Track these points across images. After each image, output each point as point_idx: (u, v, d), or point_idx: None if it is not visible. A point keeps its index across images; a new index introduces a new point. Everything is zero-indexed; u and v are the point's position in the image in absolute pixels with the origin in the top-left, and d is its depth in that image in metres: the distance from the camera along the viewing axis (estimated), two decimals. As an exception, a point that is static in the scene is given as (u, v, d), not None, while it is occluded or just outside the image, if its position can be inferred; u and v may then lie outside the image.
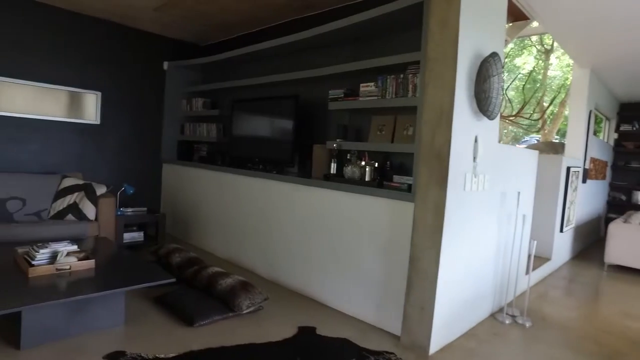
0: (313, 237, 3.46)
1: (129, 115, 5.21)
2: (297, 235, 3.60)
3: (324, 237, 3.37)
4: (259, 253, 4.01)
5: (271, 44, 3.97)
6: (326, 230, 3.35)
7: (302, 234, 3.56)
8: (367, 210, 3.05)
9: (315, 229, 3.44)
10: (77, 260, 2.69)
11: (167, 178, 5.52)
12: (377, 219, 2.98)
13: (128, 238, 4.41)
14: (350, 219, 3.16)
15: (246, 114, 4.43)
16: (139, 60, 5.23)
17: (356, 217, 3.12)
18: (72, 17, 4.66)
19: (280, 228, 3.78)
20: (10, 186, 3.98)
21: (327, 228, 3.34)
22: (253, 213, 4.08)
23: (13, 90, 4.37)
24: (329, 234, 3.33)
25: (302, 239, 3.56)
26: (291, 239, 3.66)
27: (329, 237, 3.33)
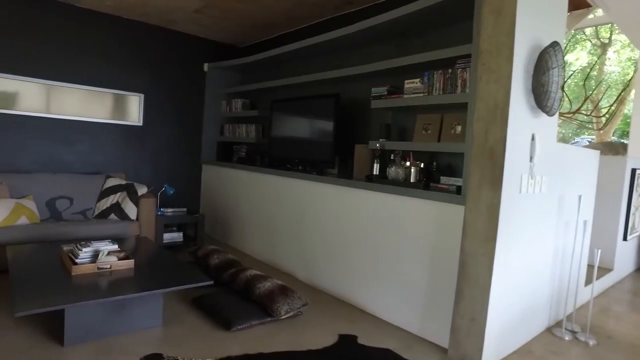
0: (354, 240, 3.33)
1: (170, 116, 5.28)
2: (337, 239, 3.48)
3: (365, 240, 3.23)
4: (298, 256, 3.91)
5: (312, 42, 3.87)
6: (368, 233, 3.21)
7: (342, 238, 3.43)
8: (411, 213, 2.88)
9: (356, 232, 3.30)
10: (117, 260, 2.68)
11: (207, 179, 5.55)
12: (422, 223, 2.80)
13: (167, 238, 4.44)
14: (394, 222, 3.00)
15: (285, 114, 4.36)
16: (179, 62, 5.29)
17: (400, 221, 2.96)
18: (116, 22, 4.77)
19: (319, 231, 3.67)
20: (60, 186, 4.10)
21: (369, 231, 3.20)
22: (292, 215, 4.00)
23: (63, 94, 4.52)
24: (371, 237, 3.18)
25: (342, 242, 3.43)
26: (331, 242, 3.54)
27: (370, 240, 3.18)
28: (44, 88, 4.42)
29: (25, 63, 4.28)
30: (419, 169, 3.04)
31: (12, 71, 4.22)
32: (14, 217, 3.58)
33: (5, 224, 3.50)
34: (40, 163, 4.43)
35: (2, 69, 4.17)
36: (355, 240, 3.31)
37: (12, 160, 4.28)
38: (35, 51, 4.32)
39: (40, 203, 3.95)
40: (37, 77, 4.35)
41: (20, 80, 4.27)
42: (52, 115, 4.47)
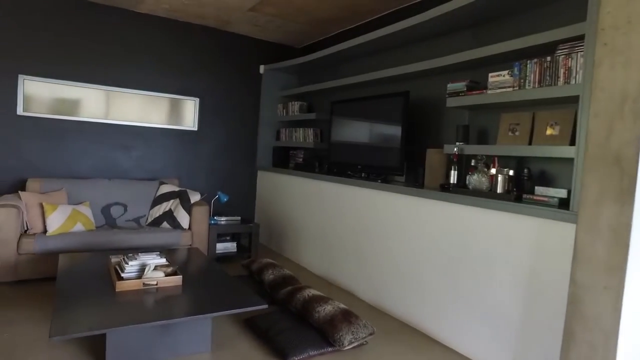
0: (425, 258, 2.89)
1: (224, 121, 5.11)
2: (406, 256, 3.05)
3: (439, 259, 2.78)
4: (361, 274, 3.52)
5: (377, 35, 3.48)
6: (442, 251, 2.76)
7: (411, 255, 3.01)
8: (499, 230, 2.40)
9: (429, 249, 2.86)
10: (164, 276, 2.45)
11: (262, 186, 5.31)
12: (514, 242, 2.32)
13: (221, 248, 4.23)
14: (475, 239, 2.53)
15: (346, 116, 4.01)
16: (235, 65, 5.12)
17: (483, 238, 2.49)
18: (173, 25, 4.68)
19: (385, 246, 3.26)
20: (115, 192, 4.02)
21: (444, 249, 2.75)
22: (354, 227, 3.62)
23: (121, 100, 4.48)
24: (446, 256, 2.73)
25: (411, 260, 3.00)
26: (398, 259, 3.12)
27: (446, 260, 2.73)
28: (103, 94, 4.39)
29: (86, 70, 4.27)
30: (506, 177, 2.55)
31: (74, 78, 4.22)
32: (71, 223, 3.50)
33: (61, 231, 3.43)
34: (99, 169, 4.40)
35: (65, 76, 4.18)
36: (427, 258, 2.87)
37: (73, 165, 4.27)
38: (95, 58, 4.31)
39: (96, 209, 3.87)
40: (97, 83, 4.33)
41: (82, 87, 4.26)
42: (111, 121, 4.43)
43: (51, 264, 3.33)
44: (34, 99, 4.10)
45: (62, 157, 4.23)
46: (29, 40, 4.02)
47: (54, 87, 4.18)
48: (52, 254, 3.32)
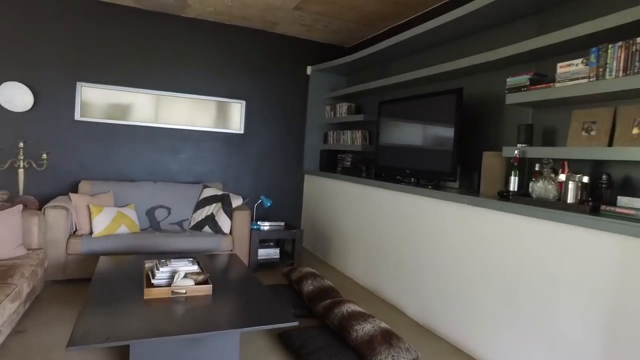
0: (480, 276, 2.55)
1: (271, 123, 5.01)
2: (458, 271, 2.73)
3: (496, 278, 2.43)
4: (407, 288, 3.23)
5: (429, 26, 3.18)
6: (500, 269, 2.41)
7: (464, 270, 2.68)
8: (569, 248, 2.03)
9: (484, 265, 2.53)
10: (194, 284, 2.33)
11: (309, 190, 5.15)
12: (588, 263, 1.94)
13: (263, 254, 4.10)
14: (539, 257, 2.18)
15: (395, 117, 3.73)
16: (281, 67, 5.01)
17: (549, 256, 2.12)
18: (219, 28, 4.66)
19: (435, 259, 2.95)
20: (159, 195, 4.03)
21: (501, 267, 2.40)
22: (401, 237, 3.34)
23: (170, 104, 4.52)
24: (505, 275, 2.38)
25: (464, 276, 2.68)
26: (449, 275, 2.80)
27: (504, 279, 2.38)
28: (153, 98, 4.46)
29: (137, 75, 4.36)
30: (579, 185, 2.17)
31: (126, 83, 4.32)
32: (115, 225, 3.53)
33: (106, 233, 3.47)
34: (147, 171, 4.47)
35: (118, 82, 4.29)
36: (482, 275, 2.53)
37: (122, 168, 4.37)
38: (145, 63, 4.38)
39: (141, 212, 3.90)
40: (147, 88, 4.41)
41: (133, 92, 4.35)
42: (160, 124, 4.49)
43: (95, 265, 3.37)
44: (90, 104, 4.23)
45: (112, 160, 4.33)
46: (85, 49, 4.16)
47: (108, 93, 4.29)
48: (97, 255, 3.36)
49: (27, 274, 2.53)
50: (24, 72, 3.99)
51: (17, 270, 2.49)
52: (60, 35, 4.08)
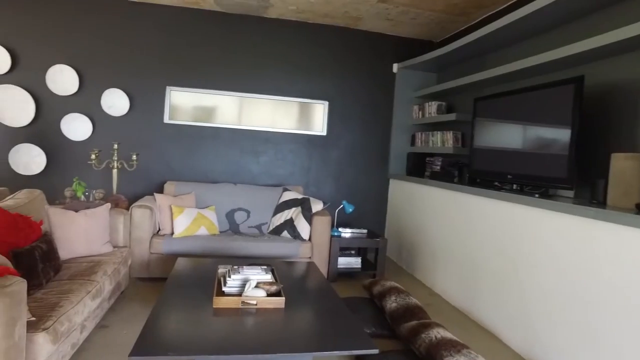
0: (603, 305, 2.04)
1: (354, 125, 4.77)
2: (572, 299, 2.23)
3: (627, 311, 1.91)
4: (508, 313, 2.76)
5: (538, 5, 2.70)
6: (633, 300, 1.89)
7: (580, 297, 2.17)
8: None
9: (613, 294, 2.01)
10: (265, 295, 2.15)
11: (394, 196, 4.81)
12: None
13: (343, 263, 3.85)
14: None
15: (493, 116, 3.27)
16: (366, 65, 4.74)
17: None
18: (301, 28, 4.53)
19: (544, 282, 2.46)
20: (239, 197, 3.99)
21: (635, 297, 1.88)
22: (502, 252, 2.88)
23: (253, 106, 4.50)
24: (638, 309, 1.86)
25: (581, 306, 2.17)
26: (561, 302, 2.31)
27: (636, 314, 1.86)
28: (237, 101, 4.47)
29: (221, 78, 4.40)
30: None
31: (211, 86, 4.38)
32: (195, 227, 3.53)
33: (186, 234, 3.48)
34: (228, 173, 4.48)
35: (204, 85, 4.36)
36: (605, 305, 2.02)
37: (205, 170, 4.42)
38: (229, 66, 4.41)
39: (221, 214, 3.88)
40: (231, 90, 4.42)
41: (217, 94, 4.40)
42: (242, 126, 4.48)
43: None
44: (178, 108, 4.35)
45: (196, 161, 4.41)
46: (174, 54, 4.29)
47: (194, 96, 4.38)
48: (177, 256, 3.37)
49: (109, 271, 2.56)
50: (122, 79, 4.21)
51: (101, 268, 2.53)
52: (152, 43, 4.25)
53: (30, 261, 2.14)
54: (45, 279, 2.21)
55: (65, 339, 1.93)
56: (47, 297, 2.04)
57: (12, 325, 1.58)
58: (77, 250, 2.71)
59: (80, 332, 2.21)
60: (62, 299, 2.02)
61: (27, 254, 2.15)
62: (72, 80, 4.10)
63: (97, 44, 4.16)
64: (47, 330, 1.76)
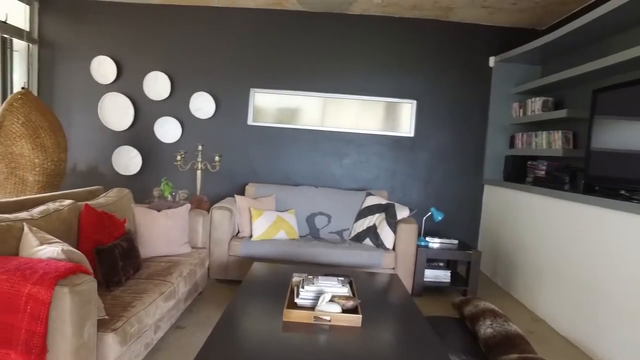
0: None
1: (445, 125, 4.37)
2: None
3: None
4: (635, 349, 2.23)
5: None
6: None
7: None
8: None
9: None
10: (340, 311, 1.93)
11: (489, 204, 4.31)
12: None
13: (430, 276, 3.49)
14: None
15: (621, 110, 2.71)
16: (458, 60, 4.32)
17: None
18: (386, 23, 4.26)
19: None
20: (320, 201, 3.83)
21: None
22: (627, 276, 2.34)
23: (336, 106, 4.35)
24: None
25: None
26: None
27: None
28: (320, 101, 4.35)
29: (304, 78, 4.31)
30: None
31: (294, 87, 4.31)
32: (274, 230, 3.44)
33: (264, 237, 3.40)
34: (310, 176, 4.36)
35: (287, 86, 4.31)
36: None
37: (287, 172, 4.36)
38: (312, 66, 4.31)
39: (301, 218, 3.76)
40: (314, 90, 4.31)
41: (300, 95, 4.32)
42: (325, 128, 4.35)
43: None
44: (261, 109, 4.35)
45: (278, 163, 4.36)
46: (257, 56, 4.30)
47: (277, 98, 4.35)
48: (254, 259, 3.30)
49: (185, 272, 2.53)
50: (209, 82, 4.32)
51: (177, 269, 2.51)
52: (236, 47, 4.30)
53: (111, 258, 2.17)
54: (124, 277, 2.23)
55: (135, 340, 1.90)
56: (123, 296, 2.03)
57: (82, 324, 1.55)
58: (157, 249, 2.74)
59: (155, 332, 2.18)
60: (135, 299, 2.00)
61: (109, 251, 2.18)
62: (165, 86, 4.29)
63: (186, 50, 4.32)
64: (116, 331, 1.72)
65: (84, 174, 4.46)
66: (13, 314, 1.51)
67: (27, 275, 1.52)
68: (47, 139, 3.40)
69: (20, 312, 1.50)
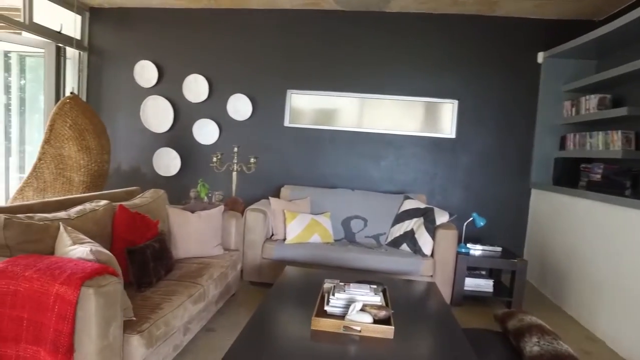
0: None
1: (488, 125, 4.14)
2: None
3: None
4: None
5: None
6: None
7: None
8: None
9: None
10: (371, 322, 1.82)
11: (537, 210, 4.04)
12: None
13: (471, 285, 3.30)
14: None
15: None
16: (502, 57, 4.08)
17: None
18: (426, 20, 4.09)
19: None
20: (356, 204, 3.73)
21: None
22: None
23: (373, 107, 4.24)
24: None
25: None
26: None
27: None
28: (358, 102, 4.25)
29: (341, 79, 4.23)
30: None
31: (331, 88, 4.24)
32: (308, 234, 3.38)
33: (297, 240, 3.34)
34: (347, 178, 4.27)
35: (324, 87, 4.24)
36: None
37: (322, 174, 4.29)
38: (349, 66, 4.21)
39: (336, 221, 3.67)
40: (352, 91, 4.22)
41: (338, 96, 4.24)
42: (362, 129, 4.24)
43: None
44: (298, 111, 4.31)
45: (314, 165, 4.30)
46: (294, 57, 4.27)
47: (314, 99, 4.29)
48: (288, 263, 3.24)
49: (215, 275, 2.51)
50: (246, 84, 4.34)
51: (208, 271, 2.49)
52: (273, 47, 4.29)
53: (142, 259, 2.18)
54: (155, 278, 2.23)
55: (162, 343, 1.88)
56: (153, 297, 2.03)
57: (107, 326, 1.55)
58: (190, 250, 2.74)
59: (184, 335, 2.17)
60: (164, 301, 1.99)
61: (140, 252, 2.19)
62: (203, 88, 4.35)
63: (224, 53, 4.35)
64: (142, 333, 1.71)
65: (127, 174, 4.59)
66: (43, 313, 1.53)
67: (55, 274, 1.53)
68: (92, 141, 3.52)
69: (49, 310, 1.51)
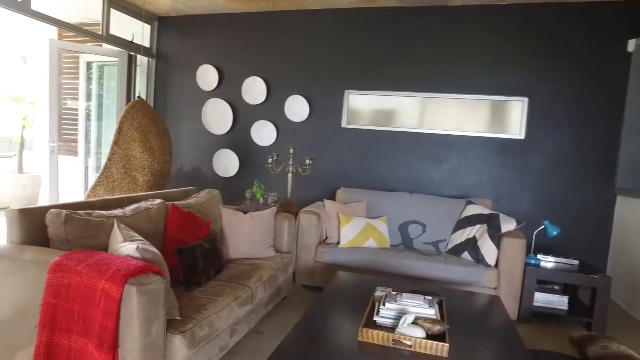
0: None
1: (562, 125, 3.75)
2: None
3: None
4: None
5: None
6: None
7: None
8: None
9: None
10: (424, 337, 1.66)
11: (625, 219, 3.59)
12: None
13: (542, 301, 2.97)
14: None
15: None
16: (581, 47, 3.67)
17: None
18: (491, 11, 3.80)
19: None
20: (415, 209, 3.54)
21: None
22: None
23: (435, 107, 4.03)
24: None
25: None
26: None
27: None
28: (419, 102, 4.06)
29: (401, 79, 4.08)
30: None
31: (390, 88, 4.10)
32: (362, 238, 3.25)
33: (352, 245, 3.23)
34: (407, 181, 4.08)
35: (382, 87, 4.11)
36: None
37: (382, 177, 4.14)
38: (409, 65, 4.05)
39: (393, 226, 3.50)
40: (412, 91, 4.05)
41: (397, 96, 4.08)
42: (423, 130, 4.05)
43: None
44: (356, 112, 4.22)
45: (372, 168, 4.17)
46: (352, 57, 4.18)
47: (373, 99, 4.17)
48: (341, 268, 3.14)
49: (264, 277, 2.47)
50: (303, 86, 4.32)
51: (257, 273, 2.46)
52: (330, 48, 4.23)
53: (192, 259, 2.18)
54: (205, 278, 2.23)
55: (206, 344, 1.86)
56: (200, 297, 2.02)
57: (150, 324, 1.54)
58: (242, 251, 2.73)
59: (231, 337, 2.14)
60: (211, 302, 1.97)
61: (190, 252, 2.20)
62: (261, 90, 4.39)
63: (282, 54, 4.37)
64: (185, 334, 1.68)
65: (188, 175, 4.76)
66: (91, 307, 1.55)
67: (102, 271, 1.55)
68: (155, 143, 3.66)
69: (95, 305, 1.54)
